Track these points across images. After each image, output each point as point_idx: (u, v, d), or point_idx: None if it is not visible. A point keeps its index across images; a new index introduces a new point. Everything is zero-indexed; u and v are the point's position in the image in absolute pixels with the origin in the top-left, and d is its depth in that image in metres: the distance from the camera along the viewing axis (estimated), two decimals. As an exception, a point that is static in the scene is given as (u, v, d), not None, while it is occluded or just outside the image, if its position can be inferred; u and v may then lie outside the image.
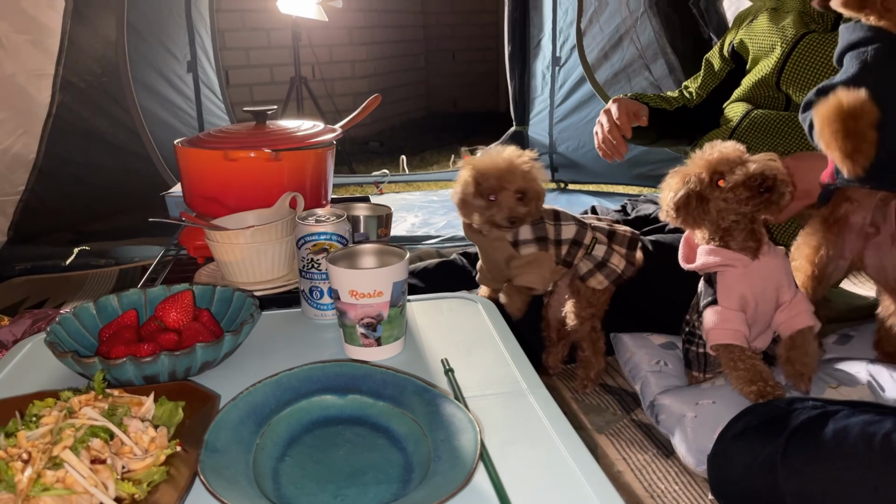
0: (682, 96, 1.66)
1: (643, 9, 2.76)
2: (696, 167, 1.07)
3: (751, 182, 1.01)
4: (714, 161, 1.05)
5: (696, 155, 1.08)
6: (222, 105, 3.13)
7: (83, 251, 2.21)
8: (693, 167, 1.07)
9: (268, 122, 1.39)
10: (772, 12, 1.44)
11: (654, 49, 2.76)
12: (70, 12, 2.17)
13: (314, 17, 3.11)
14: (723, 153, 1.05)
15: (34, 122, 2.20)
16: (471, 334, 0.87)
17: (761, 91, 1.42)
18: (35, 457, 0.53)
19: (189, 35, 2.88)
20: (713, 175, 1.04)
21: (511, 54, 3.45)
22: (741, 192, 1.01)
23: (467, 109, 5.76)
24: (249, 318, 0.79)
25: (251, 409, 0.64)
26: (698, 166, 1.06)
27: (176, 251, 1.48)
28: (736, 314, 1.07)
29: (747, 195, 1.02)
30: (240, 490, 0.54)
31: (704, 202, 1.05)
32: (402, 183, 3.46)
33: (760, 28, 1.45)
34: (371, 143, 4.42)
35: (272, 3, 3.12)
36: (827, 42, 1.28)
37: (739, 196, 1.02)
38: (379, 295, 0.77)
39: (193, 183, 1.36)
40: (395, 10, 5.21)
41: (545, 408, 0.69)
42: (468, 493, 0.55)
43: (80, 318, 0.81)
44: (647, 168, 2.78)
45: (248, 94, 4.32)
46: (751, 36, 1.47)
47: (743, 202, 1.02)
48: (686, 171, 1.09)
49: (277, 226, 1.07)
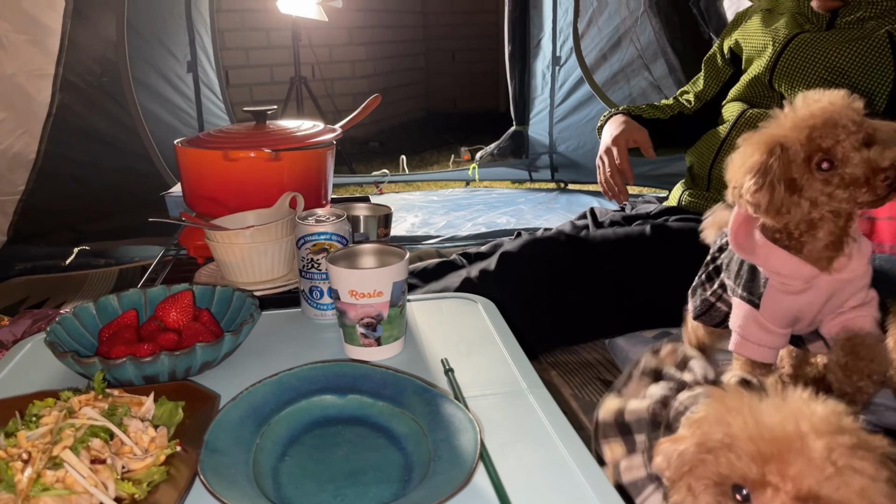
0: (677, 103, 1.65)
1: (643, 9, 2.76)
2: (787, 131, 0.75)
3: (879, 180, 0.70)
4: (817, 129, 0.72)
5: (787, 110, 0.77)
6: (222, 105, 3.13)
7: (83, 251, 2.21)
8: (781, 130, 0.76)
9: (268, 122, 1.39)
10: (766, 13, 1.43)
11: (654, 49, 2.76)
12: (70, 12, 2.17)
13: (314, 17, 3.11)
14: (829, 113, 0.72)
15: (34, 122, 2.19)
16: (471, 334, 0.87)
17: (755, 90, 1.42)
18: (35, 457, 0.53)
19: (189, 35, 2.88)
20: (813, 153, 0.72)
21: (511, 54, 3.45)
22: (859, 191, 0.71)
23: (467, 109, 5.75)
24: (249, 318, 0.79)
25: (251, 409, 0.64)
26: (790, 131, 0.75)
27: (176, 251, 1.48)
28: (777, 333, 0.83)
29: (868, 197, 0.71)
30: (240, 490, 0.54)
31: (794, 189, 0.74)
32: (402, 183, 3.46)
33: (754, 28, 1.45)
34: (371, 143, 4.42)
35: (272, 3, 3.12)
36: (819, 41, 1.27)
37: (855, 196, 0.72)
38: (379, 295, 0.77)
39: (193, 183, 1.36)
40: (395, 10, 5.20)
41: (545, 408, 0.69)
42: (468, 493, 0.55)
43: (80, 318, 0.81)
44: (648, 168, 2.78)
45: (248, 94, 4.32)
46: (745, 37, 1.47)
47: (856, 203, 0.73)
48: (771, 137, 0.76)
49: (277, 226, 1.07)
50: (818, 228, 0.77)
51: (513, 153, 3.53)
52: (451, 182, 3.40)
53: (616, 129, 1.49)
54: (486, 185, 3.34)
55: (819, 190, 0.73)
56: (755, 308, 0.83)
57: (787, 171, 0.74)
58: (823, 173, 0.72)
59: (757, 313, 0.83)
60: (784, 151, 0.74)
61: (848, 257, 0.79)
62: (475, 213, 2.79)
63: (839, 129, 0.71)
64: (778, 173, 0.74)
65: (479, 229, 2.55)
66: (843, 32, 1.25)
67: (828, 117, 0.72)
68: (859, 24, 1.23)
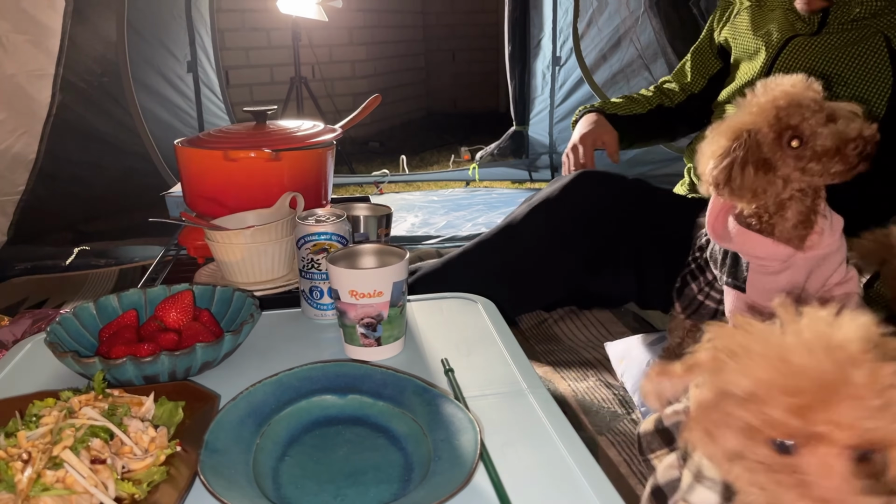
0: (658, 95, 1.59)
1: (643, 9, 2.75)
2: (754, 117, 0.77)
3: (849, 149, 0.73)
4: (782, 109, 0.75)
5: (750, 98, 0.79)
6: (222, 105, 3.13)
7: (83, 251, 2.21)
8: (748, 116, 0.78)
9: (268, 122, 1.39)
10: (755, 9, 1.38)
11: (654, 49, 2.76)
12: (70, 12, 2.17)
13: (314, 17, 3.11)
14: (792, 95, 0.75)
15: (34, 122, 2.19)
16: (471, 334, 0.87)
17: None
18: (35, 457, 0.53)
19: (189, 35, 2.88)
20: (783, 131, 0.75)
21: (511, 54, 3.45)
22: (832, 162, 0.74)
23: (467, 109, 5.75)
24: (249, 318, 0.79)
25: (251, 409, 0.64)
26: (757, 115, 0.77)
27: (176, 251, 1.48)
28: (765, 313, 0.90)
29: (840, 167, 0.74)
30: (240, 490, 0.54)
31: (767, 168, 0.76)
32: (402, 183, 3.46)
33: (744, 28, 1.40)
34: (371, 143, 4.41)
35: (272, 3, 3.12)
36: (814, 47, 1.24)
37: (828, 167, 0.74)
38: (379, 295, 0.77)
39: (193, 183, 1.36)
40: (395, 10, 5.20)
41: (545, 408, 0.69)
42: (468, 493, 0.55)
43: (80, 318, 0.81)
44: (648, 168, 2.78)
45: (248, 94, 4.32)
46: (735, 36, 1.43)
47: (829, 174, 0.75)
48: (738, 123, 0.78)
49: (277, 226, 1.07)
50: (787, 209, 0.79)
51: (513, 153, 3.53)
52: (451, 182, 3.40)
53: (586, 127, 1.49)
54: (486, 185, 3.34)
55: (792, 166, 0.76)
56: (742, 292, 0.86)
57: (758, 152, 0.76)
58: (794, 150, 0.75)
59: (744, 296, 0.86)
60: (752, 135, 0.76)
61: (819, 234, 0.81)
62: (475, 213, 2.79)
63: (803, 108, 0.74)
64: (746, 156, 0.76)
65: (480, 229, 2.55)
66: (838, 36, 1.21)
67: (791, 99, 0.75)
68: (853, 24, 1.20)
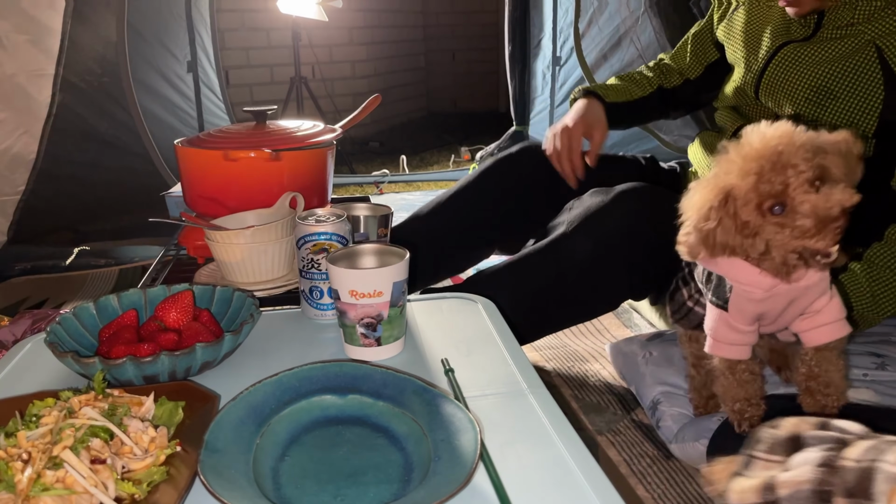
0: (658, 74, 1.57)
1: (643, 8, 2.75)
2: (735, 176, 0.75)
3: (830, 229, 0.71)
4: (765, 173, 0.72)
5: (732, 150, 0.77)
6: (222, 105, 3.13)
7: (83, 251, 2.21)
8: (728, 176, 0.76)
9: (268, 122, 1.39)
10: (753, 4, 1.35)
11: (655, 49, 2.76)
12: (70, 12, 2.17)
13: (314, 17, 3.11)
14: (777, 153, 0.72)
15: (34, 122, 2.19)
16: (471, 334, 0.87)
17: (743, 99, 1.35)
18: (35, 457, 0.53)
19: (189, 35, 2.88)
20: (762, 200, 0.73)
21: (511, 54, 3.45)
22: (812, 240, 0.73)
23: (467, 109, 5.75)
24: (249, 318, 0.79)
25: (251, 409, 0.64)
26: (737, 175, 0.75)
27: (176, 251, 1.47)
28: (745, 332, 0.87)
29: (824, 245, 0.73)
30: (240, 490, 0.54)
31: (748, 233, 0.76)
32: (402, 183, 3.46)
33: (739, 28, 1.38)
34: (371, 143, 4.41)
35: (272, 3, 3.12)
36: (805, 56, 1.21)
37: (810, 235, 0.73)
38: (379, 295, 0.77)
39: (193, 183, 1.36)
40: (395, 10, 5.20)
41: (545, 408, 0.69)
42: (468, 493, 0.55)
43: (80, 318, 0.81)
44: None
45: (248, 94, 4.32)
46: (728, 36, 1.41)
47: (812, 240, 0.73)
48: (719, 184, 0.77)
49: (277, 226, 1.07)
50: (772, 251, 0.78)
51: (513, 153, 3.53)
52: (451, 182, 3.37)
53: (580, 114, 1.44)
54: (486, 185, 3.33)
55: (773, 233, 0.75)
56: (724, 311, 0.87)
57: (737, 217, 0.76)
58: (776, 217, 0.74)
59: (727, 315, 0.86)
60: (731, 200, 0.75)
61: (805, 267, 0.80)
62: (475, 213, 2.79)
63: (788, 169, 0.72)
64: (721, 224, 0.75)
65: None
66: (830, 45, 1.18)
67: (776, 159, 0.72)
68: (848, 29, 1.18)
